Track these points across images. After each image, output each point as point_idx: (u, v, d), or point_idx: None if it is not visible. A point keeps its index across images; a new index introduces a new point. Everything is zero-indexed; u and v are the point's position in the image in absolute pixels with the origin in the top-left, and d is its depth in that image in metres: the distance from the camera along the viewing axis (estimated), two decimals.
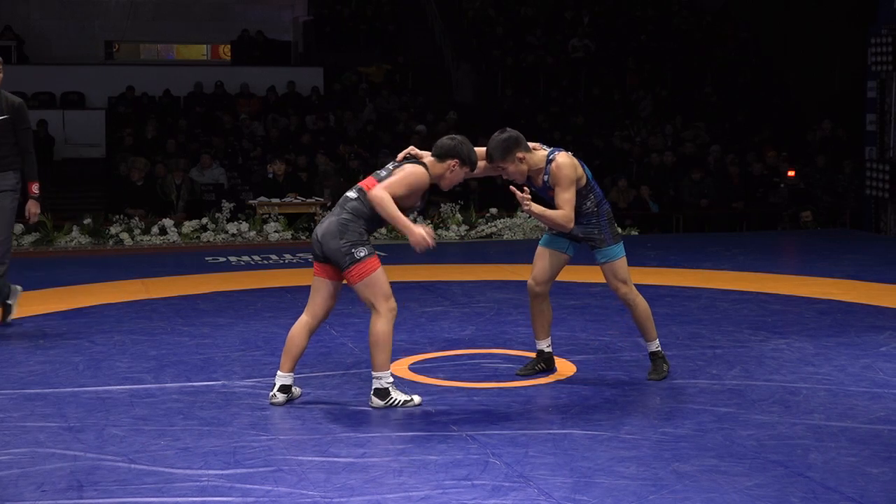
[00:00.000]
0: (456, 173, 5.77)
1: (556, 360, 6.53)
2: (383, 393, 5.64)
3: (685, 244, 13.21)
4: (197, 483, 4.51)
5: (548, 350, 6.44)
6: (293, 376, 5.79)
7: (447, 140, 5.78)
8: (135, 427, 5.33)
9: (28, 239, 12.90)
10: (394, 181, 5.58)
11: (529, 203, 5.75)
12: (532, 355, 6.54)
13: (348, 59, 21.51)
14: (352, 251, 5.51)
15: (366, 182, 5.73)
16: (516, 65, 20.95)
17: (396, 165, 5.72)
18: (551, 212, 5.93)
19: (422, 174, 5.64)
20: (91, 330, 7.82)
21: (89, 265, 11.40)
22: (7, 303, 7.98)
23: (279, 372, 5.76)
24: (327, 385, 6.15)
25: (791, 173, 16.02)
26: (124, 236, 13.10)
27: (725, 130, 18.84)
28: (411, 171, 5.62)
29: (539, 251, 6.27)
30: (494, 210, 14.24)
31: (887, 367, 6.53)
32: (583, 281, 9.26)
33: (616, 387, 6.15)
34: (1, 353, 7.02)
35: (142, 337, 7.55)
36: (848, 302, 8.82)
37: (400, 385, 5.97)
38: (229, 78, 20.29)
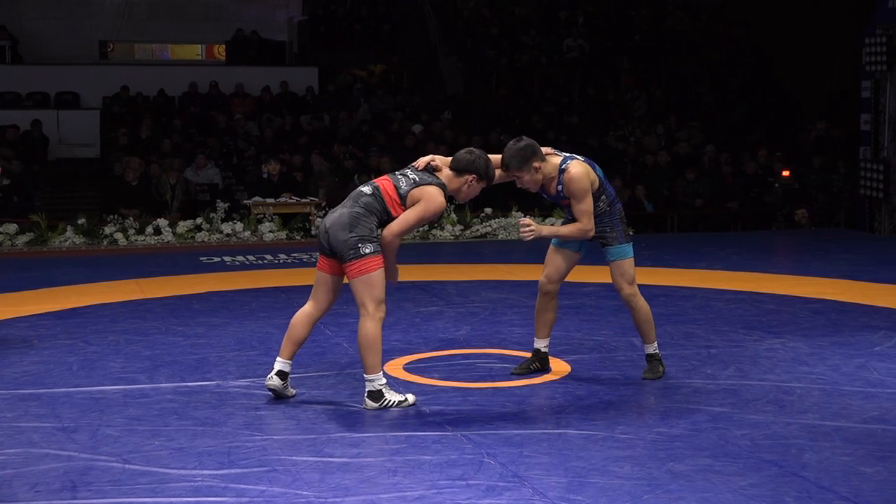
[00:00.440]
0: (473, 188, 5.81)
1: (551, 360, 6.54)
2: (377, 395, 5.63)
3: (680, 244, 13.22)
4: (191, 483, 4.51)
5: (544, 350, 6.45)
6: (291, 364, 5.83)
7: (465, 154, 5.80)
8: (129, 427, 5.32)
9: (22, 239, 12.88)
10: (412, 221, 5.62)
11: (534, 232, 5.84)
12: (527, 355, 6.55)
13: (343, 59, 21.49)
14: (358, 245, 5.52)
15: (382, 181, 5.72)
16: (511, 65, 20.94)
17: (417, 177, 5.70)
18: (565, 228, 6.07)
19: (439, 204, 5.66)
20: (85, 330, 7.81)
21: (84, 265, 11.39)
22: None
23: (279, 357, 5.82)
24: (322, 385, 6.15)
25: (785, 173, 16.03)
26: (119, 236, 13.09)
27: (720, 130, 18.84)
28: (429, 202, 5.62)
29: (551, 250, 6.30)
30: (489, 210, 14.24)
31: (881, 367, 6.54)
32: (577, 281, 9.26)
33: (611, 386, 6.15)
34: None
35: (136, 337, 7.54)
36: (842, 301, 8.83)
37: (394, 385, 5.97)
38: (224, 78, 20.24)
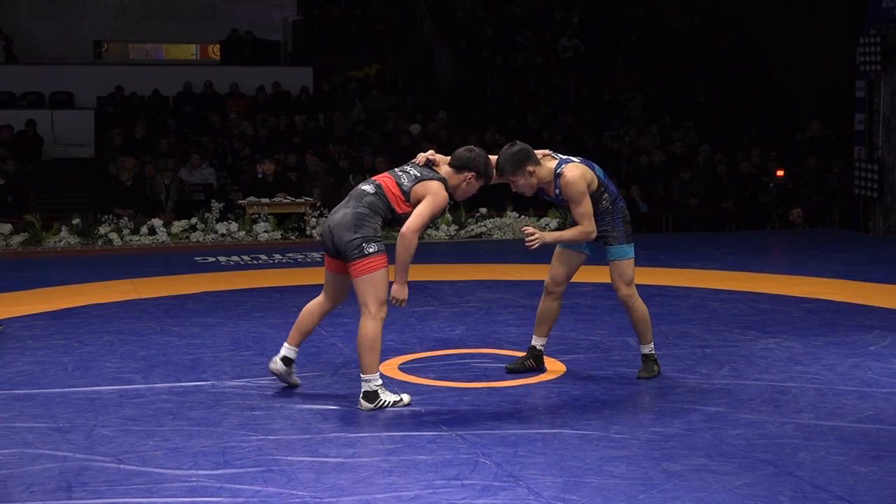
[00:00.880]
0: (471, 185, 5.82)
1: (547, 360, 6.55)
2: (372, 396, 5.63)
3: (675, 244, 13.22)
4: (186, 483, 4.51)
5: (540, 348, 6.45)
6: (297, 351, 5.95)
7: (465, 152, 5.81)
8: (124, 427, 5.32)
9: (17, 239, 12.86)
10: (427, 213, 5.58)
11: (538, 240, 5.86)
12: (523, 355, 6.55)
13: (338, 59, 21.47)
14: (362, 245, 5.53)
15: (383, 178, 5.73)
16: (506, 64, 20.94)
17: (418, 172, 5.70)
18: (568, 232, 6.08)
19: (444, 198, 5.67)
20: (80, 330, 7.80)
21: (78, 265, 11.37)
22: None
23: (286, 343, 5.95)
24: (317, 385, 6.15)
25: (780, 173, 16.03)
26: (113, 236, 13.07)
27: (715, 130, 18.85)
28: (436, 196, 5.61)
29: (557, 251, 6.31)
30: (484, 210, 14.24)
31: (876, 366, 6.55)
32: (574, 281, 9.22)
33: (606, 386, 6.15)
34: None
35: (131, 337, 7.53)
36: (837, 301, 8.84)
37: (389, 385, 5.97)
38: (218, 78, 20.23)
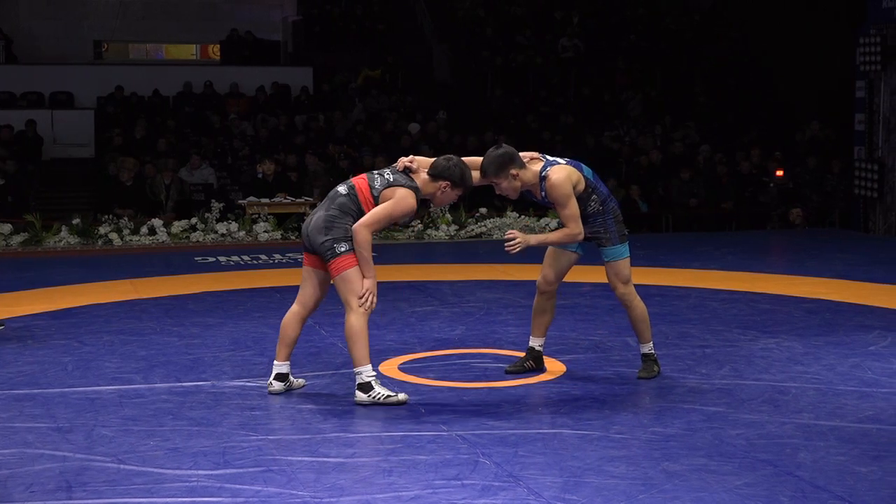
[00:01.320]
0: (447, 194, 5.84)
1: (547, 360, 6.54)
2: (366, 387, 5.68)
3: (675, 244, 13.23)
4: (186, 483, 4.51)
5: (538, 349, 6.45)
6: (288, 365, 5.97)
7: (442, 161, 5.83)
8: (124, 427, 5.32)
9: (17, 239, 12.86)
10: (381, 216, 5.63)
11: (520, 244, 5.90)
12: (523, 355, 6.55)
13: (338, 59, 21.46)
14: (334, 246, 5.61)
15: (358, 180, 5.78)
16: (506, 65, 20.93)
17: (392, 177, 5.72)
18: (554, 235, 6.08)
19: (408, 205, 5.69)
20: (80, 330, 7.80)
21: (78, 265, 11.37)
22: None
23: (275, 361, 5.96)
24: (317, 385, 6.15)
25: (779, 173, 16.03)
26: (113, 236, 13.07)
27: (715, 130, 18.85)
28: (399, 201, 5.65)
29: (550, 251, 6.31)
30: (484, 210, 14.24)
31: (876, 366, 6.55)
32: (573, 281, 9.25)
33: (606, 386, 6.15)
34: None
35: (131, 337, 7.53)
36: (837, 301, 8.84)
37: (390, 385, 5.97)
38: (218, 78, 20.21)
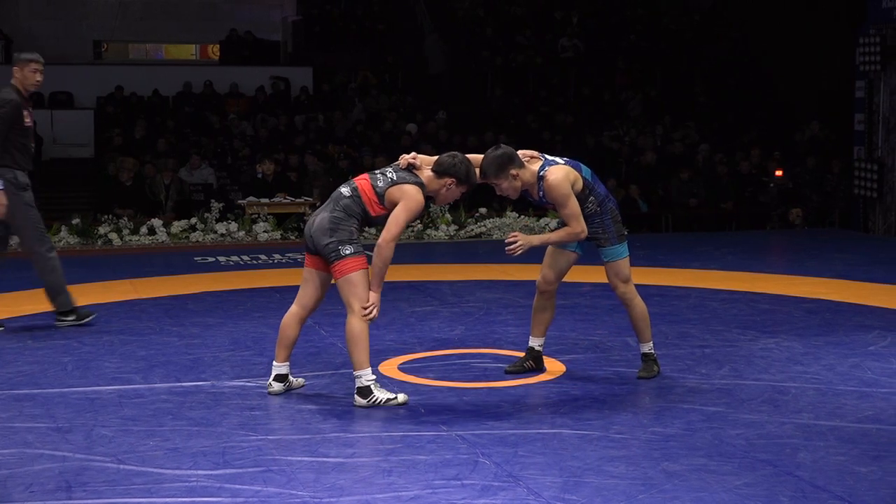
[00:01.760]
0: (451, 191, 5.82)
1: (546, 360, 6.54)
2: (365, 391, 5.66)
3: (674, 244, 13.23)
4: (186, 483, 4.51)
5: (538, 349, 6.45)
6: (288, 365, 5.96)
7: (447, 158, 5.81)
8: (124, 427, 5.32)
9: (17, 239, 12.83)
10: (401, 221, 5.60)
11: (522, 246, 5.89)
12: (522, 355, 6.55)
13: (338, 59, 21.46)
14: (338, 248, 5.59)
15: (360, 181, 5.75)
16: (506, 65, 20.94)
17: (396, 175, 5.71)
18: (556, 234, 6.07)
19: (419, 202, 5.67)
20: (79, 330, 7.80)
21: (78, 265, 11.33)
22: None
23: (274, 362, 5.95)
24: (317, 385, 6.14)
25: (779, 173, 16.03)
26: (113, 236, 13.07)
27: (715, 130, 18.85)
28: (409, 201, 5.62)
29: (549, 250, 6.30)
30: (484, 210, 14.24)
31: (875, 366, 6.55)
32: (573, 281, 9.25)
33: (606, 386, 6.15)
34: None
35: (131, 337, 7.53)
36: (836, 301, 8.84)
37: (389, 385, 5.97)
38: (218, 78, 20.22)
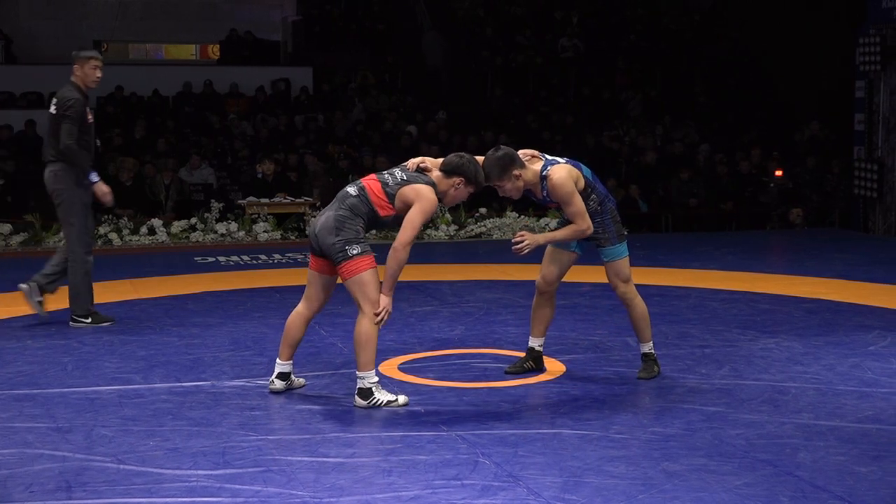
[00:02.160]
0: (460, 191, 5.81)
1: (546, 360, 6.54)
2: (366, 393, 5.66)
3: (674, 244, 13.23)
4: (186, 483, 4.51)
5: (538, 349, 6.45)
6: (291, 364, 5.97)
7: (455, 158, 5.82)
8: (124, 427, 5.32)
9: (17, 239, 12.86)
10: (416, 223, 5.57)
11: (529, 245, 5.84)
12: (522, 355, 6.55)
13: (338, 59, 21.46)
14: (345, 248, 5.55)
15: (368, 181, 5.74)
16: (506, 65, 20.94)
17: (406, 176, 5.70)
18: (561, 232, 6.07)
19: (433, 201, 5.66)
20: (79, 330, 7.81)
21: None
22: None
23: (278, 360, 5.97)
24: (317, 385, 6.14)
25: (779, 173, 16.03)
26: (113, 236, 13.07)
27: (715, 130, 18.85)
28: (424, 201, 5.60)
29: (548, 250, 6.30)
30: (484, 210, 14.24)
31: (875, 366, 6.55)
32: (573, 281, 9.25)
33: (606, 386, 6.15)
34: None
35: (130, 337, 7.53)
36: (836, 301, 8.84)
37: (389, 385, 5.97)
38: (218, 78, 20.21)
